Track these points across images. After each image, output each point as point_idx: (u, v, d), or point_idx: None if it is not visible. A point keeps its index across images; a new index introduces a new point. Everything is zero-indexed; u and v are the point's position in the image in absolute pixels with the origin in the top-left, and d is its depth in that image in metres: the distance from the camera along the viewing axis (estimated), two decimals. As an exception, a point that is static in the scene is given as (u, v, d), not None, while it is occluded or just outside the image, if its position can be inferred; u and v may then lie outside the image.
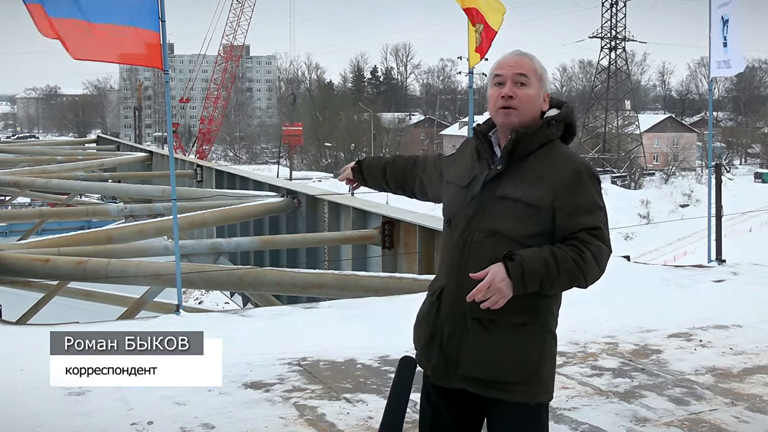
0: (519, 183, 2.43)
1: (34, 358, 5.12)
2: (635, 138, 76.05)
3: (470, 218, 2.46)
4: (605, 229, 2.42)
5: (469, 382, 2.44)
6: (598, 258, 2.37)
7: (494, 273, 2.31)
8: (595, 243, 2.37)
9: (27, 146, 36.27)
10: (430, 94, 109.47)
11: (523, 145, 2.45)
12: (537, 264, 2.32)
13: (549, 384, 2.48)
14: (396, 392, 2.03)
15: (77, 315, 10.23)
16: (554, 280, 2.34)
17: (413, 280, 8.27)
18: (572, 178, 2.41)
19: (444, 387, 2.51)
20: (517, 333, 2.41)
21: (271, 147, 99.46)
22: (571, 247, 2.36)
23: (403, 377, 2.25)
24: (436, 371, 2.50)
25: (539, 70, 2.53)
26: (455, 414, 2.54)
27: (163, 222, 12.81)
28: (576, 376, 4.91)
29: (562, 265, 2.33)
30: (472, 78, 9.00)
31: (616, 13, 77.17)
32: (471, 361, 2.42)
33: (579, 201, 2.40)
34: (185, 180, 20.93)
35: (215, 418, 4.16)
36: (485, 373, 2.41)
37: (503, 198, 2.42)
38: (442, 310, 2.49)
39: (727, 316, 6.30)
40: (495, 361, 2.40)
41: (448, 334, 2.47)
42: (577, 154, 2.52)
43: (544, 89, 2.53)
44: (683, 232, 47.46)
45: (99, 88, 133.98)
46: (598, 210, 2.42)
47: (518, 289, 2.32)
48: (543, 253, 2.34)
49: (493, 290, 2.31)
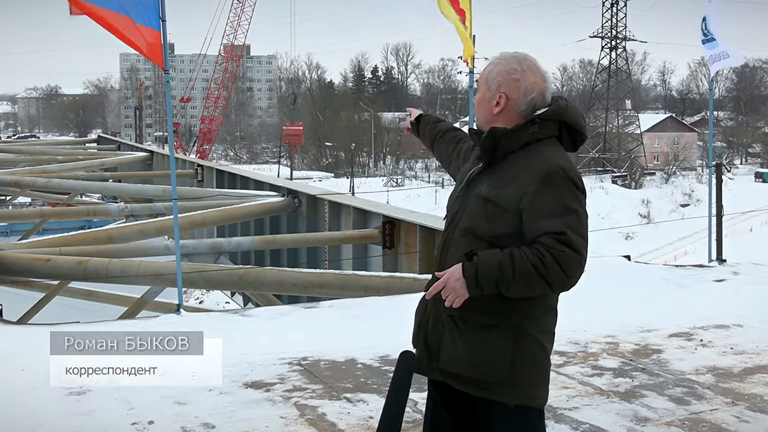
0: (494, 182, 2.43)
1: (34, 358, 5.12)
2: (636, 137, 76.04)
3: (453, 215, 2.53)
4: (573, 233, 2.32)
5: (447, 376, 2.49)
6: (562, 263, 2.29)
7: (451, 272, 2.35)
8: (558, 247, 2.29)
9: (28, 146, 36.32)
10: (430, 93, 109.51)
11: (503, 144, 2.45)
12: (491, 265, 2.31)
13: (531, 389, 2.44)
14: (396, 386, 2.05)
15: (78, 315, 10.23)
16: (509, 282, 2.31)
17: (414, 280, 8.27)
18: (541, 180, 2.36)
19: (436, 381, 2.56)
20: (485, 333, 2.41)
21: (271, 147, 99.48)
22: (533, 251, 2.31)
23: (402, 372, 2.27)
24: (419, 361, 2.56)
25: (485, 74, 2.57)
26: (451, 410, 2.57)
27: (164, 222, 12.81)
28: (576, 375, 4.91)
29: (518, 268, 2.29)
30: (472, 78, 9.00)
31: (616, 13, 77.22)
32: (447, 356, 2.47)
33: (543, 203, 2.34)
34: (186, 180, 20.94)
35: (216, 418, 4.16)
36: (459, 368, 2.44)
37: (478, 196, 2.45)
38: (428, 304, 2.55)
39: (728, 316, 6.30)
40: (466, 358, 2.43)
41: (431, 327, 2.53)
42: (560, 156, 2.45)
43: (490, 91, 2.52)
44: (684, 231, 47.45)
45: (99, 88, 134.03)
46: (567, 213, 2.34)
47: (473, 290, 2.32)
48: (500, 255, 2.32)
49: (449, 289, 2.34)
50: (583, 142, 2.56)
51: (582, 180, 2.45)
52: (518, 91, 2.49)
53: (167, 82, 7.30)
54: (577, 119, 2.53)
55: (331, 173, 79.60)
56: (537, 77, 2.51)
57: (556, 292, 2.40)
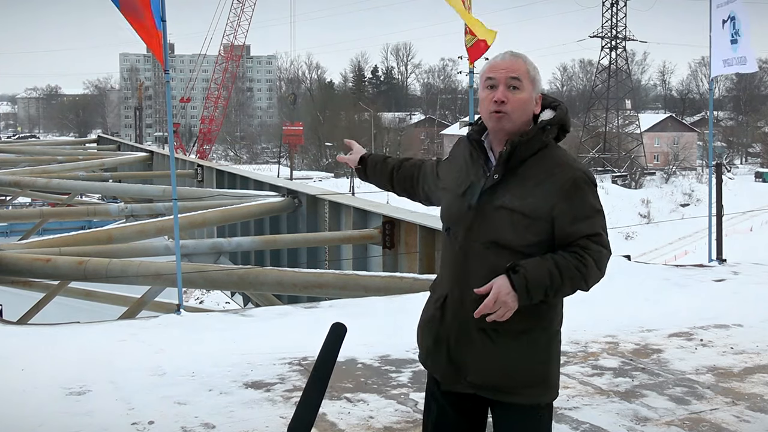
0: (516, 192, 2.39)
1: (34, 358, 5.13)
2: (636, 137, 76.05)
3: (469, 228, 2.43)
4: (604, 233, 2.41)
5: (478, 388, 2.44)
6: (599, 262, 2.37)
7: (499, 287, 2.30)
8: (596, 248, 2.37)
9: (28, 146, 36.33)
10: (430, 93, 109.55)
11: (519, 153, 2.41)
12: (541, 275, 2.31)
13: (556, 383, 2.50)
14: (324, 359, 2.03)
15: (78, 315, 10.22)
16: (558, 288, 2.34)
17: (414, 280, 8.27)
18: (569, 187, 2.37)
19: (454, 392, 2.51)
20: (522, 339, 2.40)
21: (271, 147, 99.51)
22: (572, 254, 2.35)
23: (331, 344, 2.18)
24: (445, 378, 2.49)
25: (532, 72, 2.46)
26: (461, 413, 2.54)
27: (164, 222, 12.81)
28: (577, 375, 4.91)
29: (565, 273, 2.33)
30: (472, 77, 9.00)
31: (616, 13, 77.23)
32: (479, 369, 2.42)
33: (577, 209, 2.37)
34: (186, 180, 20.94)
35: (216, 418, 4.16)
36: (494, 379, 2.41)
37: (501, 208, 2.39)
38: (447, 318, 2.48)
39: (728, 316, 6.30)
40: (503, 368, 2.40)
41: (454, 343, 2.45)
42: (573, 159, 2.48)
43: (536, 91, 2.47)
44: (684, 231, 47.48)
45: (99, 88, 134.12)
46: (596, 215, 2.41)
47: (524, 301, 2.31)
48: (546, 263, 2.33)
49: (500, 304, 2.30)
50: (565, 137, 2.58)
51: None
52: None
53: (167, 82, 7.30)
54: (570, 121, 2.57)
55: (331, 173, 79.55)
56: None
57: (588, 289, 2.44)
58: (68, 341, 5.58)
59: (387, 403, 4.40)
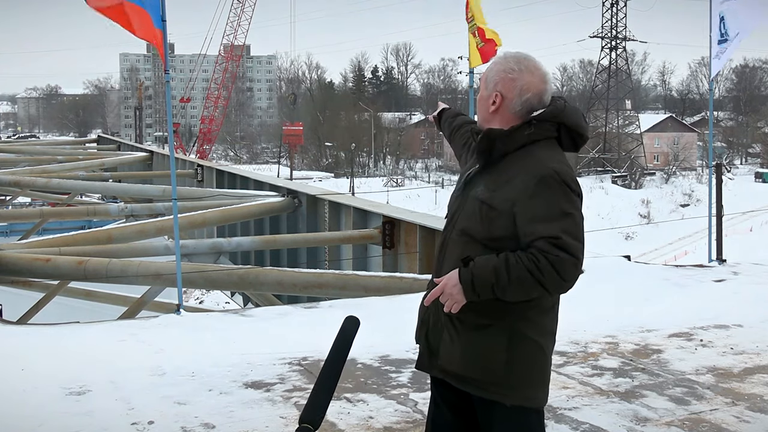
0: (490, 184, 2.42)
1: (34, 358, 5.13)
2: (636, 138, 76.04)
3: (452, 216, 2.54)
4: (568, 236, 2.29)
5: (445, 374, 2.50)
6: (558, 268, 2.27)
7: (447, 278, 2.38)
8: (554, 252, 2.27)
9: (28, 146, 36.32)
10: (430, 93, 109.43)
11: (499, 146, 2.43)
12: (486, 271, 2.32)
13: (528, 389, 2.43)
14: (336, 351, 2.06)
15: (78, 315, 10.22)
16: (505, 287, 2.31)
17: (414, 280, 8.26)
18: (534, 184, 2.34)
19: (437, 379, 2.57)
20: (480, 333, 2.42)
21: (271, 147, 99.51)
22: (528, 255, 2.30)
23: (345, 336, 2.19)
24: (420, 357, 2.59)
25: (486, 72, 2.58)
26: (452, 409, 2.57)
27: (164, 222, 12.81)
28: (577, 375, 4.91)
29: (513, 273, 2.29)
30: (472, 78, 9.00)
31: (616, 13, 77.23)
32: (446, 355, 2.48)
33: (538, 208, 2.32)
34: (186, 180, 20.93)
35: (216, 418, 4.16)
36: (457, 367, 2.45)
37: (475, 198, 2.45)
38: (431, 303, 2.56)
39: (728, 316, 6.30)
40: (463, 357, 2.44)
41: (432, 325, 2.54)
42: (555, 158, 2.41)
43: (487, 90, 2.53)
44: (684, 231, 47.48)
45: (99, 88, 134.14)
46: (562, 217, 2.31)
47: (470, 295, 2.34)
48: (495, 261, 2.32)
49: (446, 295, 2.37)
50: (584, 142, 2.54)
51: (577, 183, 2.41)
52: (513, 90, 2.47)
53: (167, 82, 7.31)
54: (576, 120, 2.49)
55: (331, 173, 79.62)
56: (534, 77, 2.47)
57: (553, 295, 2.41)
58: (68, 341, 5.58)
59: (387, 403, 4.40)
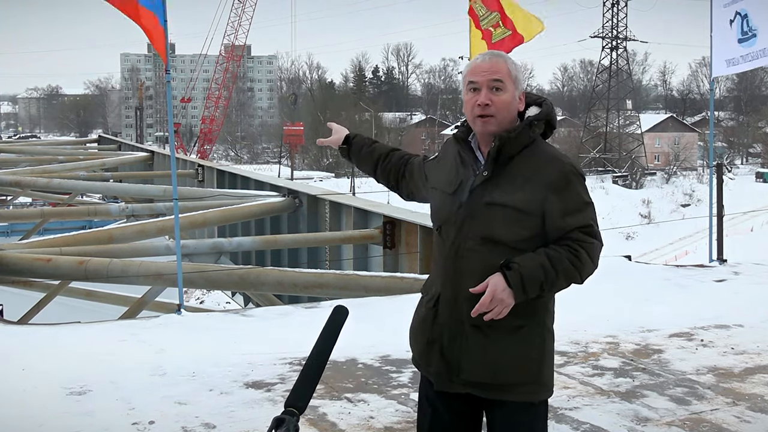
0: (506, 188, 2.40)
1: (35, 358, 5.13)
2: (636, 138, 76.01)
3: (460, 226, 2.45)
4: (595, 224, 2.43)
5: (472, 386, 2.44)
6: (592, 254, 2.40)
7: (494, 284, 2.31)
8: (588, 240, 2.39)
9: (28, 146, 36.30)
10: (431, 93, 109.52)
11: (507, 149, 2.43)
12: (535, 270, 2.32)
13: (550, 381, 2.50)
14: (324, 339, 2.07)
15: (79, 315, 10.23)
16: (553, 282, 2.36)
17: (414, 280, 8.26)
18: (559, 180, 2.40)
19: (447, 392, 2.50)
20: (516, 335, 2.41)
21: (272, 147, 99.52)
22: (565, 248, 2.37)
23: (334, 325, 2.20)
24: (438, 378, 2.49)
25: (513, 71, 2.47)
26: (455, 414, 2.53)
27: (165, 222, 12.80)
28: (577, 375, 4.91)
29: (558, 267, 2.34)
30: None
31: (617, 13, 77.18)
32: (472, 367, 2.42)
33: (568, 202, 2.39)
34: (187, 180, 20.93)
35: (216, 418, 4.16)
36: (487, 377, 2.41)
37: (491, 204, 2.41)
38: (440, 317, 2.48)
39: (729, 316, 6.30)
40: (497, 364, 2.40)
41: (448, 341, 2.45)
42: (561, 153, 2.50)
43: (519, 90, 2.49)
44: (684, 231, 47.46)
45: (100, 88, 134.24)
46: (587, 207, 2.43)
47: (519, 297, 2.32)
48: (539, 258, 2.34)
49: (496, 302, 2.31)
50: (552, 133, 2.59)
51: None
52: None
53: (168, 82, 7.31)
54: (556, 117, 2.58)
55: (332, 173, 79.57)
56: None
57: (583, 282, 2.45)
58: (69, 341, 5.58)
59: (387, 403, 4.40)
